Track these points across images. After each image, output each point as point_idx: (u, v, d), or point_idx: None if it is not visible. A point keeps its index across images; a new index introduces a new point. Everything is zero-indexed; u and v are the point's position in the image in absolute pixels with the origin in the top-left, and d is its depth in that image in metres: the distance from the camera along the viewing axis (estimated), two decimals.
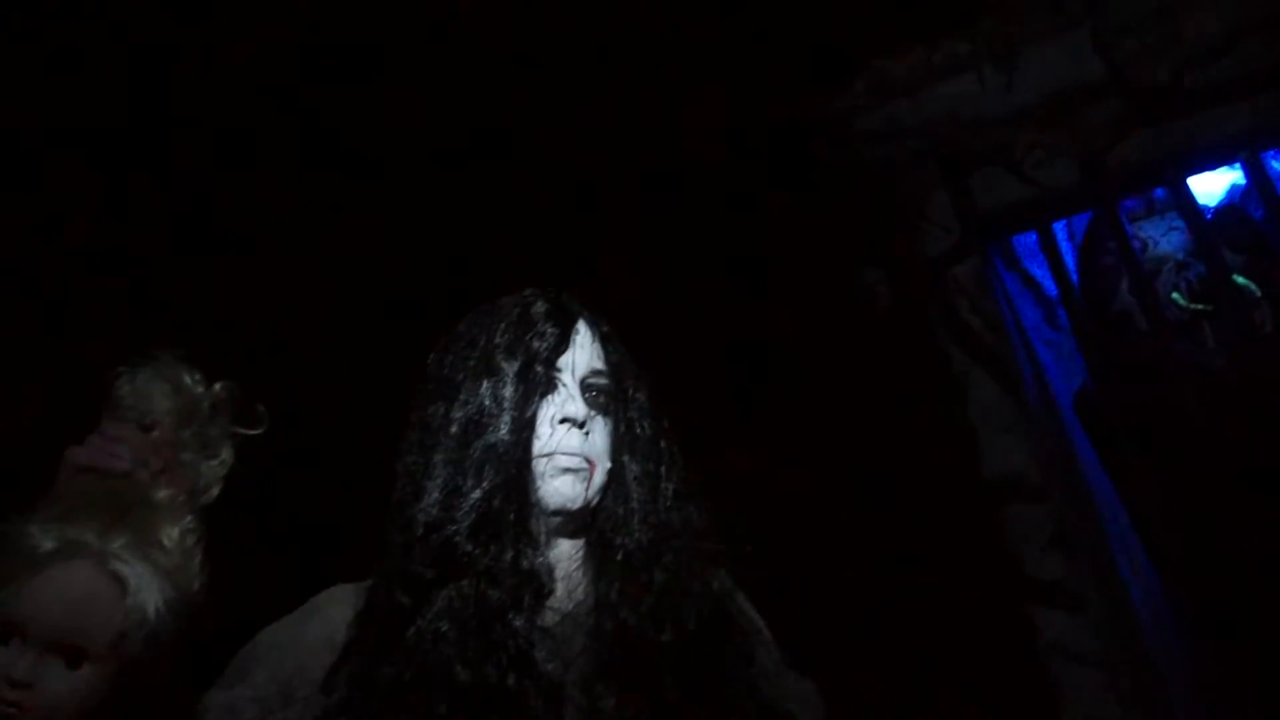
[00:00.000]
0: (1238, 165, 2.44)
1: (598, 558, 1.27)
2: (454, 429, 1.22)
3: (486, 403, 1.22)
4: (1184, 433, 2.28)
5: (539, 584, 1.17)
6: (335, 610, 1.15)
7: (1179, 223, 2.60)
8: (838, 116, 2.59)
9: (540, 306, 1.32)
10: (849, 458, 2.35)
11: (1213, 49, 2.33)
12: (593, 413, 1.29)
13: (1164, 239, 2.67)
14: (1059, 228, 2.71)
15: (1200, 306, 2.47)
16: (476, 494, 1.16)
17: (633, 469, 1.32)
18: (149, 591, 1.12)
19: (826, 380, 2.57)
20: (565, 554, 1.26)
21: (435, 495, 1.15)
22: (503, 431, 1.21)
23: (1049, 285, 2.83)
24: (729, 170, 2.58)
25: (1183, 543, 2.24)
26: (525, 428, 1.23)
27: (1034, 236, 2.80)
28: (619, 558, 1.25)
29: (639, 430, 1.32)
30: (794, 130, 2.64)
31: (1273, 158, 2.57)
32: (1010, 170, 2.49)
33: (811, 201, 2.67)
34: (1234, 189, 2.58)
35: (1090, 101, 2.43)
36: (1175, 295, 2.56)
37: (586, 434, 1.28)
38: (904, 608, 2.16)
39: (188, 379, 1.31)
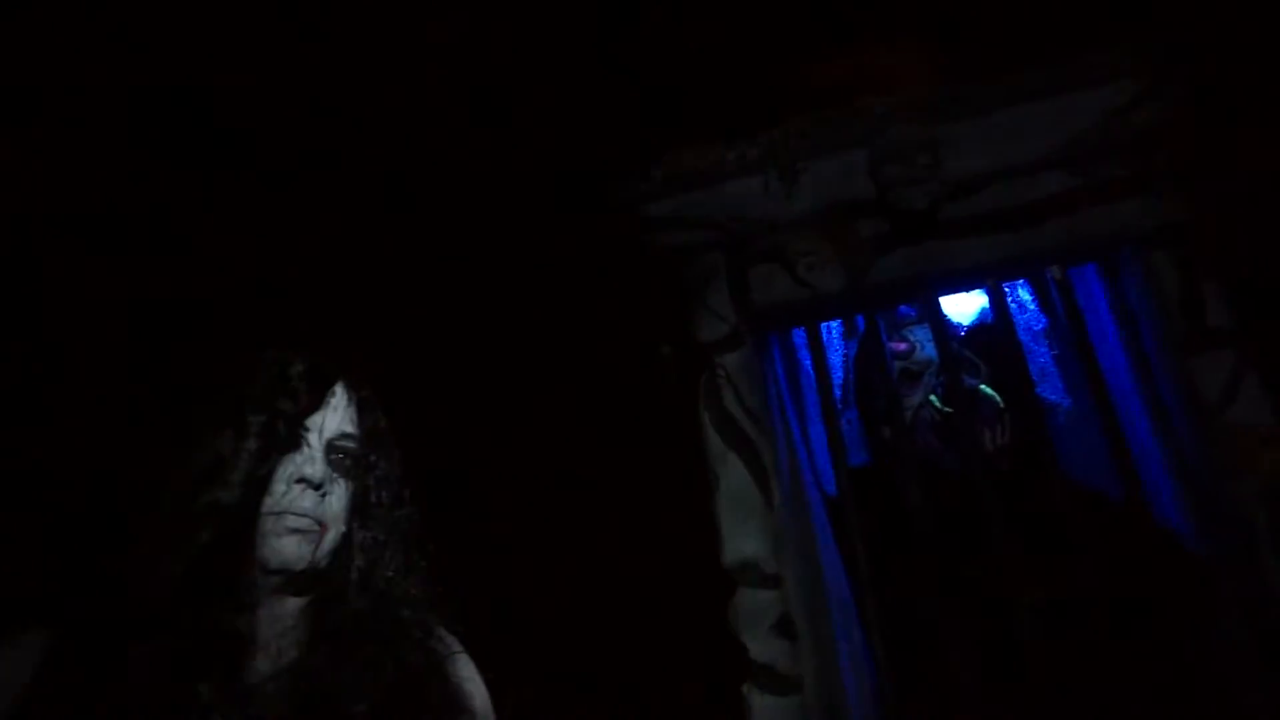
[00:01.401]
0: (984, 290, 2.66)
1: (316, 621, 1.28)
2: (185, 475, 1.21)
3: (224, 453, 1.22)
4: (909, 529, 2.46)
5: (239, 645, 1.17)
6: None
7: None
8: (634, 200, 2.71)
9: (299, 366, 1.32)
10: (597, 535, 2.45)
11: (968, 186, 2.55)
12: (335, 475, 1.29)
13: (929, 345, 2.88)
14: (858, 319, 2.90)
15: (949, 410, 2.68)
16: (191, 548, 1.16)
17: (363, 536, 1.33)
18: None
19: (593, 451, 2.68)
20: (284, 614, 1.26)
21: (148, 543, 1.14)
22: (233, 485, 1.21)
23: (835, 375, 3.02)
24: (524, 236, 2.66)
25: (898, 636, 2.42)
26: (258, 483, 1.23)
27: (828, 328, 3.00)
28: (333, 624, 1.27)
29: (375, 499, 1.34)
30: (594, 207, 2.75)
31: (1013, 289, 2.82)
32: (786, 270, 2.65)
33: (608, 279, 2.78)
34: (986, 309, 2.81)
35: (859, 217, 2.61)
36: (932, 397, 2.76)
37: (323, 496, 1.28)
38: (628, 683, 2.26)
39: None
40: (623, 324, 2.87)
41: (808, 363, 2.85)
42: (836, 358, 2.94)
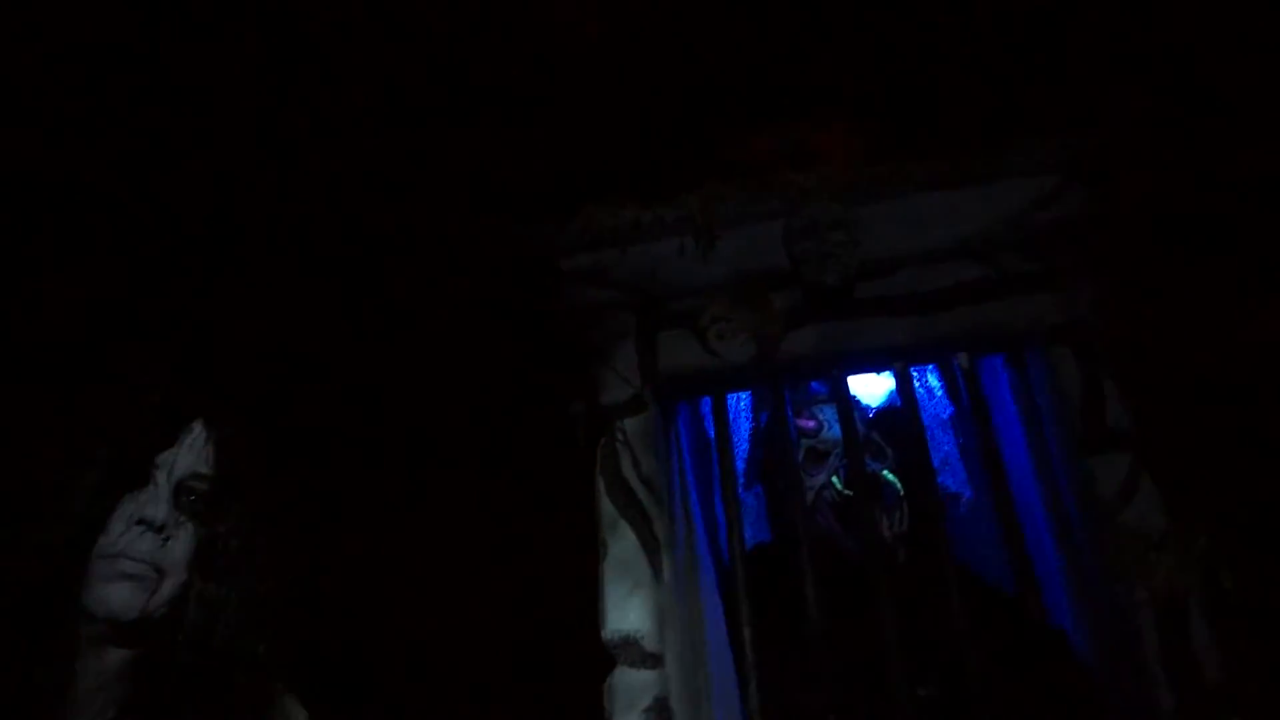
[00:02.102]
0: (891, 373, 2.63)
1: (140, 679, 1.17)
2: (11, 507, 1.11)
3: (58, 484, 1.12)
4: (802, 614, 2.38)
5: (49, 701, 1.06)
6: None
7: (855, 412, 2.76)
8: (549, 251, 2.64)
9: (154, 396, 1.24)
10: (479, 598, 2.32)
11: (881, 267, 2.54)
12: (181, 518, 1.20)
13: (837, 424, 2.83)
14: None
15: (850, 493, 2.62)
16: (11, 589, 1.05)
17: (204, 588, 1.23)
18: None
19: (488, 508, 2.56)
20: (105, 668, 1.15)
21: None
22: (66, 521, 1.10)
23: (741, 448, 2.95)
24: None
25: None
26: (92, 523, 1.12)
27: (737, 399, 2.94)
28: (159, 684, 1.16)
29: (223, 547, 1.24)
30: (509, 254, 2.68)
31: (922, 375, 2.80)
32: (695, 337, 2.59)
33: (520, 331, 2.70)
34: (894, 392, 2.78)
35: (773, 289, 2.58)
36: (834, 479, 2.70)
37: (165, 540, 1.18)
38: None
39: None
40: (533, 377, 2.78)
41: (713, 434, 2.77)
42: (744, 430, 2.87)
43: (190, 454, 1.29)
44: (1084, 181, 2.49)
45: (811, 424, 2.80)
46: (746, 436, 2.87)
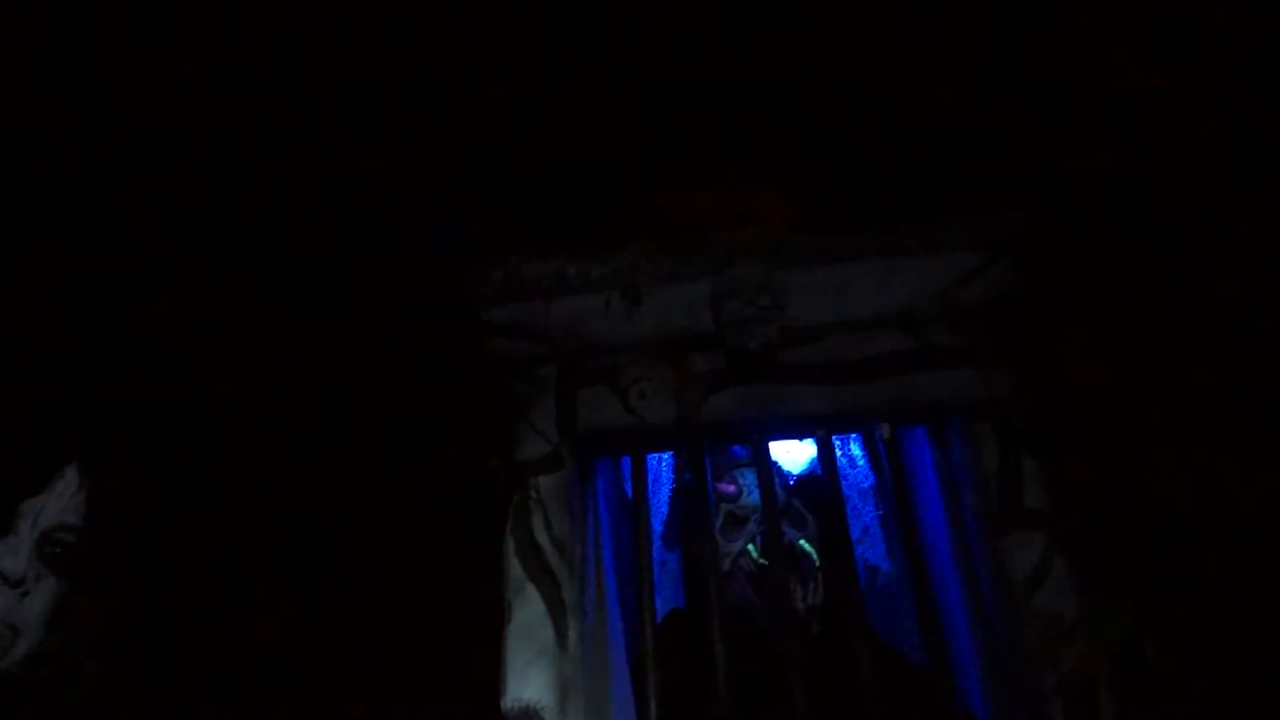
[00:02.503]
0: (814, 441, 2.60)
1: None
2: None
3: None
4: (711, 685, 2.30)
5: None
6: None
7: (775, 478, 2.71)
8: (473, 302, 2.57)
9: (27, 441, 1.14)
10: (379, 663, 2.21)
11: (807, 334, 2.52)
12: (44, 572, 1.09)
13: (756, 490, 2.78)
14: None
15: (765, 562, 2.56)
16: None
17: (62, 644, 1.12)
18: None
19: (393, 563, 2.45)
20: None
21: None
22: None
23: (660, 510, 2.89)
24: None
25: None
26: None
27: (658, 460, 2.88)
28: None
29: (88, 603, 1.14)
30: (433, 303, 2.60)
31: (845, 443, 2.78)
32: (617, 395, 2.53)
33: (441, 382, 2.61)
34: (816, 460, 2.75)
35: (697, 351, 2.54)
36: (750, 547, 2.65)
37: (22, 595, 1.07)
38: None
39: None
40: (450, 431, 2.68)
41: (631, 494, 2.71)
42: (664, 492, 2.81)
43: (60, 502, 1.20)
44: (1012, 259, 2.50)
45: (731, 489, 2.75)
46: (666, 499, 2.81)
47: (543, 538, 2.38)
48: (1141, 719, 2.12)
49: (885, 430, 2.58)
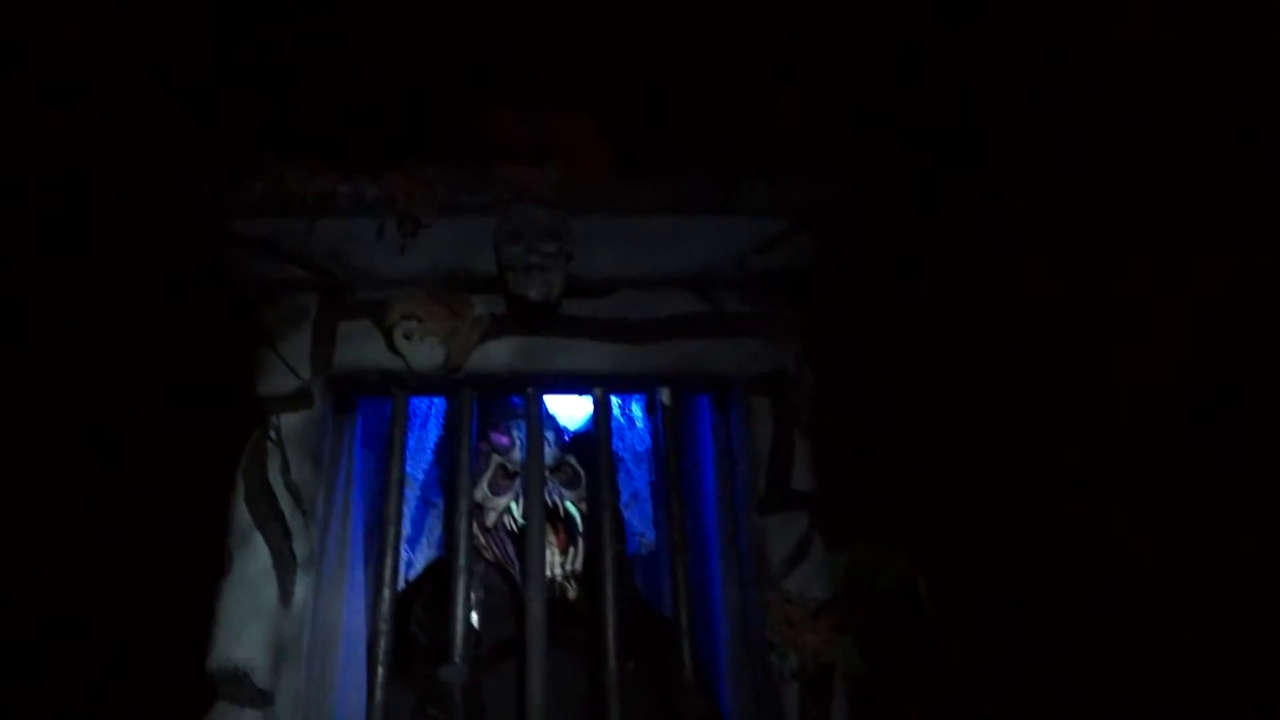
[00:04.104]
0: (590, 397, 2.47)
1: None
2: None
3: None
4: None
5: None
6: None
7: (548, 434, 2.56)
8: (223, 211, 2.26)
9: None
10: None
11: (593, 287, 2.36)
12: None
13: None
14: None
15: (524, 523, 2.41)
16: None
17: None
18: None
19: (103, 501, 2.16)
20: None
21: None
22: None
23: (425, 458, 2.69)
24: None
25: None
26: None
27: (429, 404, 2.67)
28: None
29: None
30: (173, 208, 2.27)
31: (627, 402, 2.66)
32: (381, 332, 2.31)
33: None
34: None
35: (475, 293, 2.34)
36: (514, 504, 2.50)
37: None
38: None
39: None
40: (187, 358, 2.38)
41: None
42: (432, 438, 2.62)
43: None
44: (812, 231, 2.41)
45: (505, 440, 2.58)
46: (433, 445, 2.62)
47: (278, 483, 2.15)
48: (874, 710, 2.13)
49: (665, 395, 2.47)
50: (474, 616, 2.36)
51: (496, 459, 2.56)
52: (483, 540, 2.46)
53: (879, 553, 2.36)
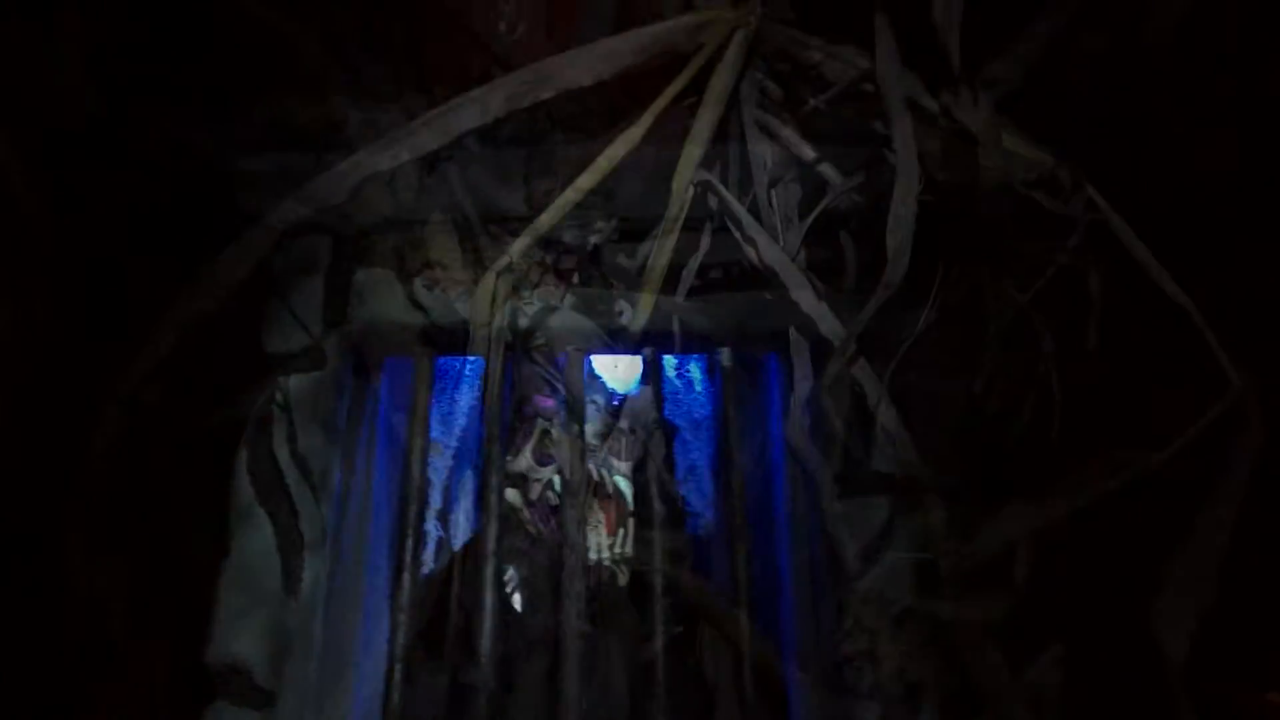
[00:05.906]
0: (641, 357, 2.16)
1: None
2: None
3: None
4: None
5: None
6: None
7: (595, 398, 2.28)
8: (223, 148, 1.99)
9: None
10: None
11: (641, 230, 2.02)
12: None
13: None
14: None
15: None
16: None
17: None
18: None
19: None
20: None
21: None
22: None
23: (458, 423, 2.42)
24: None
25: None
26: None
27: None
28: None
29: None
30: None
31: (684, 363, 2.34)
32: (402, 284, 2.03)
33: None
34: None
35: (507, 240, 2.03)
36: (556, 478, 2.22)
37: None
38: None
39: None
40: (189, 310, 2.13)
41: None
42: (464, 402, 2.35)
43: None
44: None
45: (550, 403, 2.29)
46: (468, 410, 2.35)
47: (283, 453, 1.90)
48: None
49: (726, 356, 2.14)
50: (516, 599, 2.12)
51: (542, 424, 2.28)
52: (527, 515, 2.20)
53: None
